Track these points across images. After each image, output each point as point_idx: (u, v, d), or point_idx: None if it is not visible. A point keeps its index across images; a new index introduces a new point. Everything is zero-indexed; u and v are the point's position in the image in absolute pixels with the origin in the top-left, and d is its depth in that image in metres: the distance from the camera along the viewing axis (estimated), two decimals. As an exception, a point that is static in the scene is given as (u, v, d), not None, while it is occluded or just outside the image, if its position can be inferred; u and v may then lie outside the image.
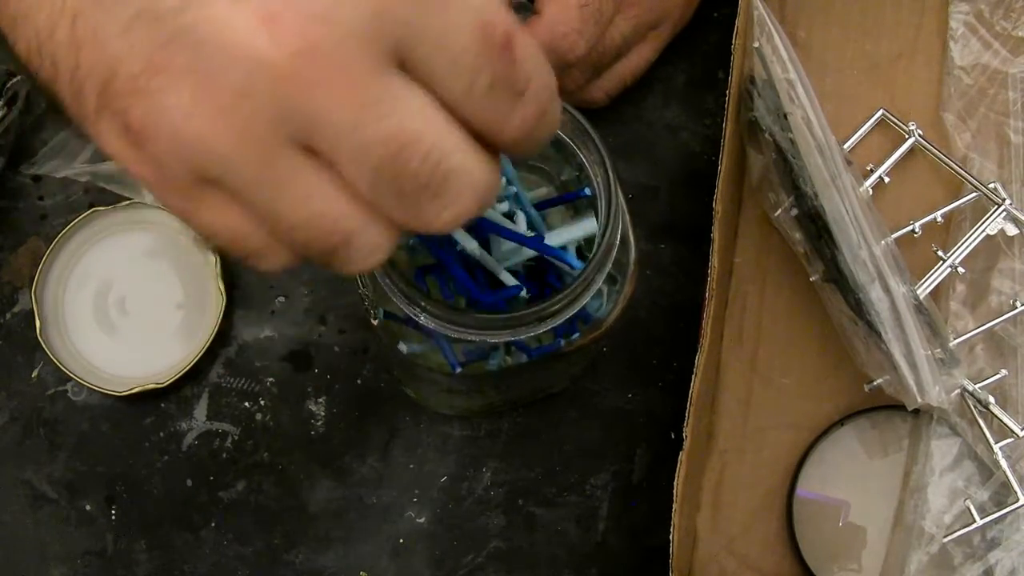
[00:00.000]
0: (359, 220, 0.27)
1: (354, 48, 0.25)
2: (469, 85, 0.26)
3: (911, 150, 0.55)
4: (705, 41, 0.59)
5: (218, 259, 0.54)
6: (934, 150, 0.54)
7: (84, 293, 0.55)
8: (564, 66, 0.49)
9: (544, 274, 0.43)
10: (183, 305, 0.55)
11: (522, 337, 0.38)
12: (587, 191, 0.40)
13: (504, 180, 0.41)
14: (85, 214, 0.54)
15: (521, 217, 0.42)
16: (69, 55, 0.27)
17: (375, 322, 0.42)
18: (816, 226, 0.50)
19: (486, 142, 0.28)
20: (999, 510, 0.49)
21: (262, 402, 0.55)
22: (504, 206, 0.42)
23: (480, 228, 0.41)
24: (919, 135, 0.54)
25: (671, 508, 0.45)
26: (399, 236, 0.28)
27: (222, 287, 0.53)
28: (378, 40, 0.25)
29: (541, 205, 0.43)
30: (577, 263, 0.41)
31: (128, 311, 0.55)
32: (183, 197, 0.28)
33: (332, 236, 0.27)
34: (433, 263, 0.42)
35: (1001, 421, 0.49)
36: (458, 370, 0.42)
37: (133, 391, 0.52)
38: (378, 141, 0.25)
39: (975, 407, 0.50)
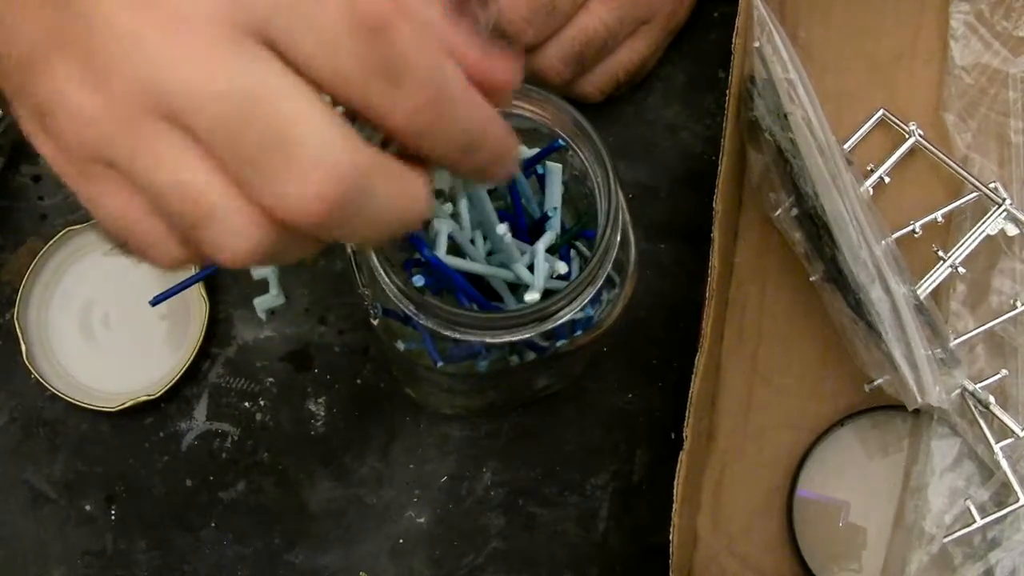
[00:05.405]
0: (220, 192, 0.27)
1: (206, 24, 0.26)
2: (336, 67, 0.27)
3: (911, 150, 0.55)
4: (705, 41, 0.59)
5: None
6: (934, 150, 0.54)
7: (67, 314, 0.55)
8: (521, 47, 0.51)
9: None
10: (167, 315, 0.55)
11: (521, 338, 0.38)
12: (560, 143, 0.40)
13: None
14: (59, 235, 0.54)
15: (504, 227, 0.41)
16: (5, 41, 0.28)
17: (375, 322, 0.42)
18: (816, 226, 0.50)
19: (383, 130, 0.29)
20: (999, 510, 0.49)
21: (262, 402, 0.55)
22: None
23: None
24: (919, 135, 0.54)
25: (671, 508, 0.45)
26: (267, 225, 0.28)
27: (204, 293, 0.53)
28: (234, 16, 0.26)
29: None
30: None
31: (113, 327, 0.55)
32: (84, 178, 0.29)
33: (196, 206, 0.27)
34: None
35: (1001, 421, 0.49)
36: (439, 364, 0.42)
37: (125, 406, 0.52)
38: (218, 99, 0.26)
39: (975, 407, 0.50)
